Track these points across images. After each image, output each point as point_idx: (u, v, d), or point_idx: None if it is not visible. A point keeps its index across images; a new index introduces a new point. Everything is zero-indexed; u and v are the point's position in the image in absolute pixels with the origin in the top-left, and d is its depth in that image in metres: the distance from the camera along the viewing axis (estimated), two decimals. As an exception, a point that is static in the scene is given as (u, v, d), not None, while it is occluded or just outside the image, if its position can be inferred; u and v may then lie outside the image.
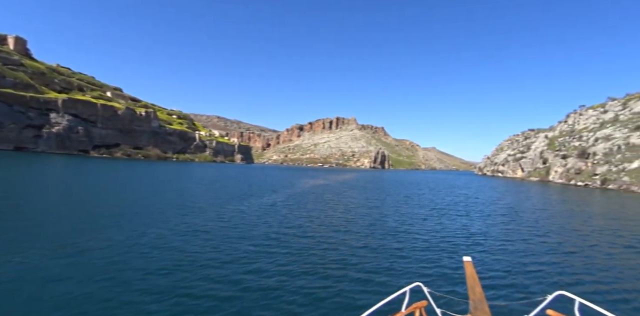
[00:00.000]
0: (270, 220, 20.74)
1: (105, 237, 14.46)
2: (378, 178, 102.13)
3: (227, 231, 17.10)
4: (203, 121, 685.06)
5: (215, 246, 14.09)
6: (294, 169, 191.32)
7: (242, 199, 29.84)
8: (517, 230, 21.19)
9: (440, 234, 18.88)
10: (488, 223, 23.41)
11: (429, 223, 22.29)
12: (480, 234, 19.51)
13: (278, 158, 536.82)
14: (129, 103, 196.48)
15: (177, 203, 25.27)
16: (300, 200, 32.55)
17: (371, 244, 15.88)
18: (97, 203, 23.60)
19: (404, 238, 17.39)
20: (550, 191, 62.71)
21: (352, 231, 18.79)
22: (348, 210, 27.32)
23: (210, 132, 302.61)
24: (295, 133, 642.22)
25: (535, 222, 25.06)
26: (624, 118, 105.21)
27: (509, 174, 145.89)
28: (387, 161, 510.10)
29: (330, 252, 14.25)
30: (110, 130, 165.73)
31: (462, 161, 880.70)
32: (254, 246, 14.38)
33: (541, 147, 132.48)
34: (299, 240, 16.10)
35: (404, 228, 20.28)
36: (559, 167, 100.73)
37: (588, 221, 26.88)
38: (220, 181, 52.84)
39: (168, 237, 15.12)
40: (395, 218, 23.71)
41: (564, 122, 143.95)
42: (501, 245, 16.87)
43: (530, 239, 18.59)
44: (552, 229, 22.12)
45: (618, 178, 69.17)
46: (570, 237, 19.86)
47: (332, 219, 22.35)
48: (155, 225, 17.33)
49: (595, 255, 15.64)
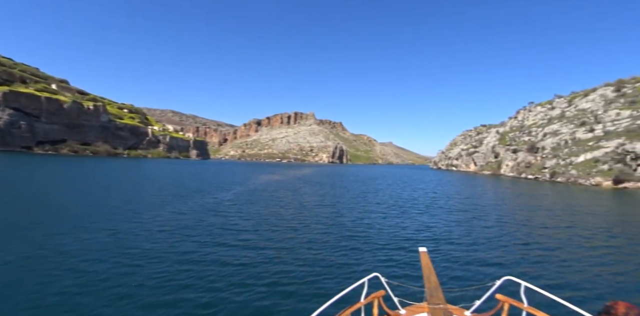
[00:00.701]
0: (212, 222, 18.31)
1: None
2: (336, 173, 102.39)
3: (154, 240, 14.18)
4: (157, 116, 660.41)
5: (131, 264, 11.27)
6: (251, 165, 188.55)
7: (186, 199, 27.25)
8: (471, 222, 22.15)
9: (398, 230, 18.64)
10: (444, 216, 24.19)
11: (388, 221, 21.11)
12: (436, 226, 20.25)
13: (235, 154, 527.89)
14: (76, 96, 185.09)
15: (110, 205, 22.35)
16: (250, 198, 29.89)
17: (327, 242, 15.34)
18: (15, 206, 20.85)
19: (361, 236, 16.86)
20: (503, 184, 65.46)
21: (306, 232, 17.16)
22: (302, 208, 25.35)
23: (164, 126, 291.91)
24: (253, 128, 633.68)
25: (489, 214, 26.00)
26: (569, 115, 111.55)
27: (463, 168, 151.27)
28: (345, 156, 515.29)
29: (283, 252, 13.60)
30: (56, 125, 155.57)
31: (417, 155, 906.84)
32: (183, 259, 12.11)
33: (493, 141, 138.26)
34: (245, 243, 14.55)
35: (361, 228, 18.83)
36: (510, 161, 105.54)
37: (537, 212, 28.19)
38: (168, 178, 50.64)
39: (79, 251, 12.48)
40: (352, 216, 22.43)
41: (514, 118, 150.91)
42: (455, 236, 17.61)
43: (482, 230, 19.48)
44: (504, 220, 23.19)
45: (566, 172, 73.33)
46: (520, 227, 20.93)
47: (284, 219, 20.42)
48: (70, 234, 14.61)
49: (541, 243, 16.61)
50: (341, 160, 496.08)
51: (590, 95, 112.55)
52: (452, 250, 14.78)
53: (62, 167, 63.58)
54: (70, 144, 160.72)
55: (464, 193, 44.28)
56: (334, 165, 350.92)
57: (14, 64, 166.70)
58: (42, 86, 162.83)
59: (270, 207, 24.86)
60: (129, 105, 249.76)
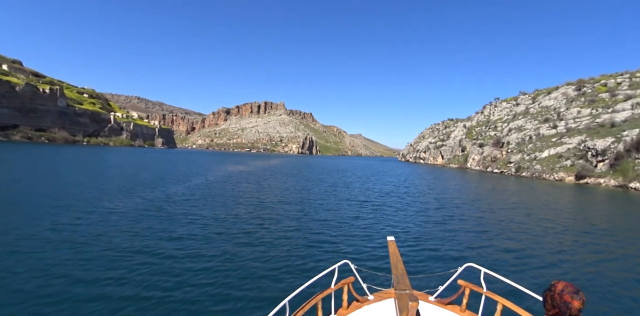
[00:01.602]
0: (148, 225, 14.88)
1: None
2: (305, 164, 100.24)
3: (59, 257, 10.30)
4: (121, 102, 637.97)
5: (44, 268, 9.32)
6: (218, 154, 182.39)
7: (129, 193, 23.56)
8: (437, 214, 22.43)
9: (369, 229, 17.02)
10: (412, 209, 24.39)
11: (359, 222, 18.48)
12: (405, 218, 20.57)
13: (203, 143, 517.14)
14: (31, 78, 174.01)
15: (29, 200, 18.73)
16: (206, 192, 26.78)
17: (285, 258, 12.98)
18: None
19: (329, 242, 14.64)
20: (470, 178, 65.53)
21: (262, 237, 14.13)
22: (263, 206, 22.00)
23: (128, 113, 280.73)
24: (221, 116, 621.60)
25: (455, 207, 26.32)
26: (533, 111, 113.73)
27: (430, 161, 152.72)
28: (315, 147, 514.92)
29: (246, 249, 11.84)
30: (6, 109, 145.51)
31: (386, 148, 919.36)
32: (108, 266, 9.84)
33: (460, 135, 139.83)
34: (188, 252, 11.58)
35: (328, 234, 15.77)
36: (477, 155, 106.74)
37: (501, 205, 28.68)
38: (121, 168, 46.42)
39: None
40: (319, 216, 19.48)
41: (480, 113, 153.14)
42: (422, 227, 18.10)
43: (447, 221, 19.93)
44: (468, 212, 23.61)
45: (531, 166, 74.25)
46: (483, 218, 21.57)
47: (239, 219, 17.50)
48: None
49: (502, 233, 17.33)
50: (311, 151, 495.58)
51: (553, 93, 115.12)
52: (418, 239, 15.15)
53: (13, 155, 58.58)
54: (23, 130, 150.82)
55: (432, 186, 43.37)
56: (303, 156, 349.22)
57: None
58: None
59: (227, 203, 22.03)
60: (89, 90, 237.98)
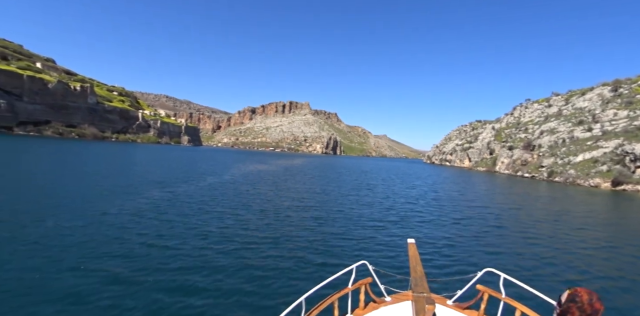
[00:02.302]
0: (142, 231, 13.22)
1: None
2: (328, 165, 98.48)
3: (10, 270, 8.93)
4: (151, 100, 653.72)
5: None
6: (242, 153, 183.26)
7: (137, 191, 22.33)
8: (461, 218, 21.85)
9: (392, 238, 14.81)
10: (437, 213, 23.64)
11: (382, 232, 16.30)
12: (426, 219, 20.69)
13: (229, 141, 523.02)
14: (63, 76, 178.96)
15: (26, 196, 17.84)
16: (218, 193, 24.89)
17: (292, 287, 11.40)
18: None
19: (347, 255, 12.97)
20: (499, 182, 62.41)
21: (269, 251, 12.22)
22: (278, 211, 19.82)
23: (156, 111, 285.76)
24: (247, 115, 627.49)
25: (482, 211, 25.39)
26: (567, 113, 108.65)
27: (457, 163, 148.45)
28: (339, 147, 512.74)
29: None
30: (39, 105, 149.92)
31: (411, 149, 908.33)
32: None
33: (488, 137, 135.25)
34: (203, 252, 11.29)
35: (349, 234, 15.34)
36: (506, 158, 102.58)
37: (531, 211, 27.34)
38: (140, 165, 45.92)
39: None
40: (338, 226, 17.05)
41: (510, 115, 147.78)
42: (444, 230, 17.79)
43: (471, 226, 19.36)
44: (495, 217, 22.91)
45: (564, 171, 70.32)
46: (510, 224, 20.94)
47: (250, 226, 15.57)
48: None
49: (526, 240, 16.73)
50: (335, 151, 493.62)
51: (587, 94, 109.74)
52: (439, 243, 14.93)
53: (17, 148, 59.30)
54: (54, 126, 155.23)
55: (463, 192, 40.93)
56: (327, 156, 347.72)
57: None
58: (25, 64, 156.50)
59: (239, 206, 20.30)
60: (119, 88, 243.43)
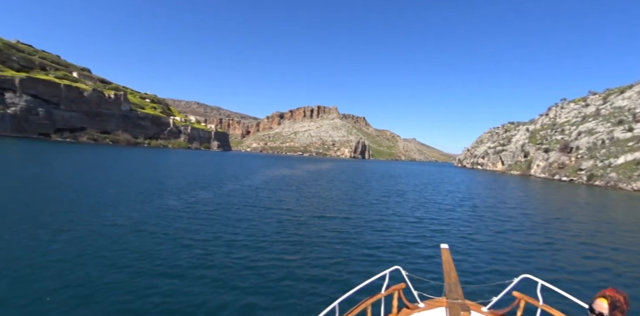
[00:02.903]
0: (132, 245, 11.70)
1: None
2: (356, 169, 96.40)
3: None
4: (182, 107, 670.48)
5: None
6: (269, 158, 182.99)
7: (147, 198, 21.10)
8: (496, 222, 21.73)
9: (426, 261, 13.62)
10: (471, 217, 23.35)
11: (416, 238, 15.49)
12: (461, 225, 20.26)
13: (257, 146, 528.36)
14: (98, 85, 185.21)
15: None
16: (235, 200, 23.06)
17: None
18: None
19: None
20: (540, 187, 58.95)
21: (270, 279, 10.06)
22: (296, 222, 17.53)
23: (187, 117, 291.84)
24: (275, 120, 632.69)
25: (517, 217, 24.89)
26: (605, 113, 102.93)
27: (489, 167, 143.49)
28: (368, 151, 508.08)
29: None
30: (75, 113, 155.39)
31: (441, 153, 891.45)
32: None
33: (522, 140, 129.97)
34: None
35: (382, 240, 15.03)
36: (541, 161, 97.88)
37: (570, 217, 26.55)
38: (165, 170, 45.59)
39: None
40: (370, 224, 18.10)
41: (545, 115, 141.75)
42: (479, 235, 17.46)
43: (506, 231, 19.18)
44: (531, 223, 22.50)
45: (605, 174, 65.92)
46: (547, 229, 20.39)
47: (260, 240, 13.54)
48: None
49: (565, 246, 16.20)
50: (363, 155, 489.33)
51: (626, 92, 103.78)
52: (474, 248, 14.72)
53: (53, 154, 60.58)
54: (89, 132, 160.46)
55: (501, 198, 38.49)
56: (355, 160, 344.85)
57: (34, 51, 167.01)
58: (62, 74, 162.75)
59: (252, 215, 18.36)
60: (151, 95, 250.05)
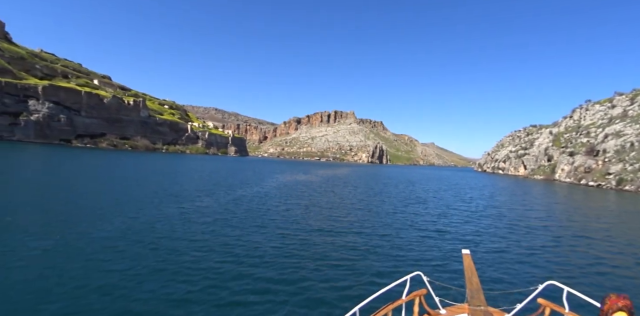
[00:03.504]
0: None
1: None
2: (372, 175, 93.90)
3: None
4: (200, 113, 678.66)
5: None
6: (285, 163, 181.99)
7: (131, 208, 18.81)
8: (515, 224, 21.89)
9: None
10: (491, 221, 23.20)
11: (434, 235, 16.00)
12: (482, 230, 19.87)
13: (275, 151, 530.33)
14: (118, 92, 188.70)
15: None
16: (232, 212, 20.37)
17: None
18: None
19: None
20: (568, 193, 56.23)
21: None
22: (299, 240, 14.77)
23: (204, 123, 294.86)
24: (292, 126, 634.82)
25: (540, 221, 24.41)
26: (633, 114, 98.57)
27: (511, 171, 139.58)
28: (385, 156, 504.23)
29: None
30: (95, 119, 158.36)
31: (460, 157, 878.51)
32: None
33: (545, 143, 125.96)
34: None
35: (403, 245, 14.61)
36: (566, 165, 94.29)
37: (595, 222, 25.64)
38: (169, 175, 44.25)
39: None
40: (389, 231, 17.33)
41: (569, 118, 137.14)
42: (500, 240, 17.26)
43: (529, 236, 18.83)
44: (555, 228, 22.07)
45: (635, 178, 62.67)
46: (573, 235, 19.83)
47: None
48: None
49: (591, 252, 15.72)
50: (381, 160, 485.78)
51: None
52: (497, 254, 14.46)
53: (73, 159, 60.88)
54: (109, 138, 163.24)
55: (524, 203, 36.68)
56: (373, 165, 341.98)
57: (56, 59, 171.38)
58: (83, 81, 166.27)
59: (243, 235, 14.86)
60: (170, 102, 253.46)
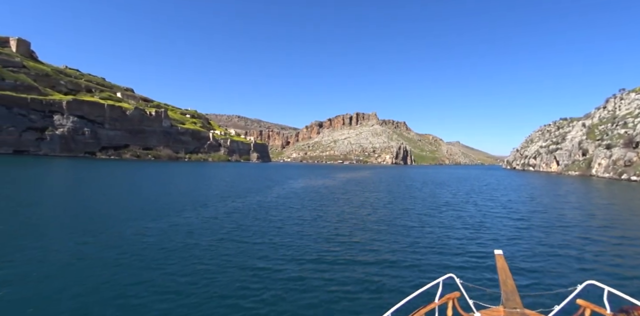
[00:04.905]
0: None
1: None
2: (396, 176, 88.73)
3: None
4: (224, 121, 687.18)
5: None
6: (306, 167, 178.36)
7: (99, 227, 16.00)
8: (550, 223, 20.87)
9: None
10: (519, 217, 22.70)
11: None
12: (514, 228, 19.33)
13: (297, 156, 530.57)
14: (140, 103, 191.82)
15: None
16: (222, 228, 16.86)
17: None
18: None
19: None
20: (610, 189, 51.58)
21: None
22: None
23: (226, 130, 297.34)
24: (314, 130, 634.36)
25: (575, 217, 23.51)
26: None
27: (542, 168, 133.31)
28: (410, 156, 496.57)
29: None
30: (119, 131, 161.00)
31: (487, 155, 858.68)
32: None
33: (579, 136, 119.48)
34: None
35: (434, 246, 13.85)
36: (603, 159, 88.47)
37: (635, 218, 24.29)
38: (167, 185, 41.26)
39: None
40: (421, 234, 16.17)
41: (602, 108, 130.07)
42: (534, 238, 16.62)
43: (565, 233, 18.11)
44: (592, 224, 21.22)
45: (686, 171, 57.54)
46: (610, 231, 18.95)
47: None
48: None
49: (632, 249, 14.83)
50: (405, 161, 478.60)
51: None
52: (531, 253, 13.89)
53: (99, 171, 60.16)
54: (132, 149, 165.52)
55: (587, 209, 32.62)
56: (397, 166, 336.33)
57: (80, 75, 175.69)
58: (107, 94, 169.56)
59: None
60: (192, 111, 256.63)
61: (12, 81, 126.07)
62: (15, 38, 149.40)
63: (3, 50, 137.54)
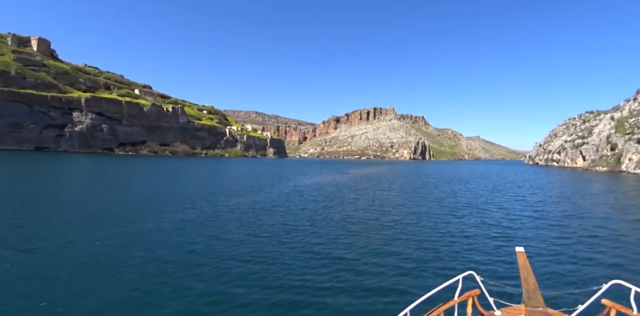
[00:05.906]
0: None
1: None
2: (413, 173, 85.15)
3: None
4: (241, 117, 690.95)
5: None
6: (321, 163, 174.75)
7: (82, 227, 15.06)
8: (572, 220, 20.44)
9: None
10: (542, 214, 22.43)
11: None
12: (535, 225, 18.92)
13: (314, 152, 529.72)
14: (157, 100, 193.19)
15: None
16: (203, 235, 14.67)
17: None
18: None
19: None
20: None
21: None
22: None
23: (243, 126, 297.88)
24: (331, 125, 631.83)
25: (600, 215, 22.73)
26: None
27: (567, 163, 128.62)
28: (428, 151, 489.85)
29: None
30: (136, 127, 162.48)
31: (508, 150, 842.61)
32: None
33: (607, 130, 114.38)
34: None
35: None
36: (635, 154, 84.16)
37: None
38: (171, 182, 39.77)
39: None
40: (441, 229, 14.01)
41: (633, 100, 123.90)
42: (557, 235, 16.16)
43: (589, 229, 17.80)
44: (616, 221, 20.90)
45: None
46: (630, 229, 18.49)
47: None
48: None
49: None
50: (423, 156, 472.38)
51: None
52: (552, 249, 13.45)
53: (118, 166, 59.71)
54: (150, 145, 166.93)
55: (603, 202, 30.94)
56: (415, 161, 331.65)
57: (99, 72, 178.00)
58: (125, 91, 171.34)
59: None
60: (208, 107, 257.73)
61: (33, 79, 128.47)
62: (36, 37, 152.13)
63: (24, 50, 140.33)
